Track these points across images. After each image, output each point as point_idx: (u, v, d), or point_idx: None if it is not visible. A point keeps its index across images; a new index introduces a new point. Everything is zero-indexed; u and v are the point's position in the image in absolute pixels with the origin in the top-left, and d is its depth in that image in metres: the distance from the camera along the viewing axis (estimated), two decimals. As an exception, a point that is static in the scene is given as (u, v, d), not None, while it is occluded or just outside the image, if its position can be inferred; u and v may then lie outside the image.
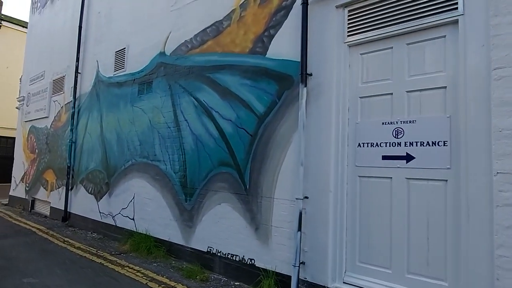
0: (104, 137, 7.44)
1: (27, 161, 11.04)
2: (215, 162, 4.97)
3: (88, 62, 8.48)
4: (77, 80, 8.65)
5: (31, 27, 12.28)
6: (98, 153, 7.57)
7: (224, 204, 4.77)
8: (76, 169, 8.31)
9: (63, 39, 9.83)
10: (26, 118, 11.42)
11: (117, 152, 6.98)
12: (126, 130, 6.81)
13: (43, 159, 9.96)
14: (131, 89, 6.84)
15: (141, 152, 6.36)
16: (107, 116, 7.45)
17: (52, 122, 9.80)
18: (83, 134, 8.21)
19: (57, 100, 9.72)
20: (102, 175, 7.36)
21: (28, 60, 12.18)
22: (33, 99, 11.02)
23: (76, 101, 8.60)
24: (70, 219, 8.30)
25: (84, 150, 8.08)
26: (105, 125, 7.47)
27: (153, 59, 6.40)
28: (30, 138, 11.03)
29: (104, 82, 7.72)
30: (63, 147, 9.03)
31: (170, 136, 5.78)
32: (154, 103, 6.22)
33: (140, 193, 6.29)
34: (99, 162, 7.48)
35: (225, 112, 4.91)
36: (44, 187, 9.71)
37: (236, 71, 4.86)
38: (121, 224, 6.64)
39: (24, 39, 21.44)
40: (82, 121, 8.36)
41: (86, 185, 7.84)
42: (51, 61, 10.34)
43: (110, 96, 7.46)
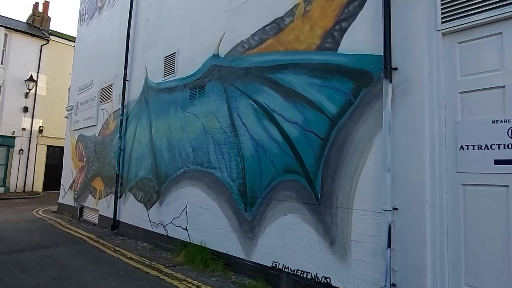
0: (153, 144, 7.30)
1: (76, 169, 11.23)
2: (279, 168, 4.58)
3: (136, 69, 8.45)
4: (125, 87, 8.65)
5: (79, 38, 12.63)
6: (147, 160, 7.44)
7: (291, 214, 4.36)
8: (125, 176, 8.24)
9: (110, 48, 9.94)
10: (74, 126, 11.66)
11: (168, 159, 6.78)
12: (177, 136, 6.61)
13: (92, 167, 10.04)
14: (182, 94, 6.65)
15: (194, 159, 6.11)
16: (156, 122, 7.31)
17: (100, 130, 9.89)
18: (132, 141, 8.14)
19: (105, 108, 9.80)
20: (152, 183, 7.20)
21: (76, 71, 12.51)
22: (81, 108, 11.24)
23: (124, 108, 8.58)
24: (119, 228, 8.21)
25: (133, 157, 8.00)
26: (154, 131, 7.34)
27: (205, 62, 6.17)
28: (78, 147, 11.23)
29: (153, 88, 7.61)
30: (111, 155, 9.03)
31: (227, 141, 5.48)
32: (207, 108, 5.97)
33: (193, 202, 6.02)
34: (149, 169, 7.34)
35: (290, 114, 4.53)
36: (93, 195, 9.76)
37: (302, 70, 4.48)
38: (173, 234, 6.39)
39: (71, 52, 22.43)
40: (130, 128, 8.30)
41: (136, 193, 7.72)
42: (98, 70, 10.50)
43: (159, 102, 7.32)
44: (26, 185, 20.00)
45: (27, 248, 6.83)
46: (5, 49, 19.60)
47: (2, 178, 19.32)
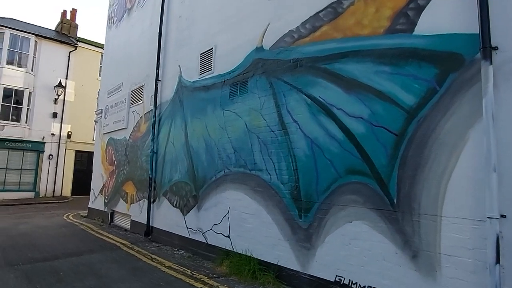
0: (189, 145, 6.90)
1: (106, 173, 11.03)
2: (341, 170, 4.04)
3: (169, 68, 8.12)
4: (158, 88, 8.33)
5: (108, 42, 12.52)
6: (183, 163, 7.04)
7: (358, 222, 3.81)
8: (158, 180, 7.89)
9: (141, 49, 9.70)
10: (104, 130, 11.49)
11: (206, 161, 6.36)
12: (216, 137, 6.18)
13: (122, 171, 9.78)
14: (220, 91, 6.22)
15: (236, 161, 5.65)
16: (192, 123, 6.92)
17: (131, 133, 9.62)
18: (165, 143, 7.78)
19: (135, 111, 9.53)
20: (188, 187, 6.79)
21: (105, 74, 12.39)
22: (111, 111, 11.05)
23: (157, 109, 8.26)
24: (153, 234, 7.84)
25: (167, 160, 7.63)
26: (190, 132, 6.94)
27: (247, 56, 5.73)
28: (108, 150, 11.03)
29: (188, 87, 7.24)
30: (143, 158, 8.72)
31: (275, 141, 4.99)
32: (251, 105, 5.51)
33: (236, 207, 5.55)
34: (185, 173, 6.94)
35: (353, 108, 4.00)
36: (124, 200, 9.48)
37: (366, 58, 3.94)
38: (213, 241, 5.94)
39: (97, 58, 22.69)
40: (163, 130, 7.96)
41: (170, 198, 7.34)
42: (129, 72, 10.27)
43: (195, 101, 6.93)
44: (55, 189, 20.19)
45: (61, 255, 6.54)
46: (35, 56, 19.93)
47: (33, 183, 19.56)
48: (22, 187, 19.20)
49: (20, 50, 19.33)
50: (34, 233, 8.87)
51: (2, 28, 18.81)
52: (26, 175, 19.43)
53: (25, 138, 19.10)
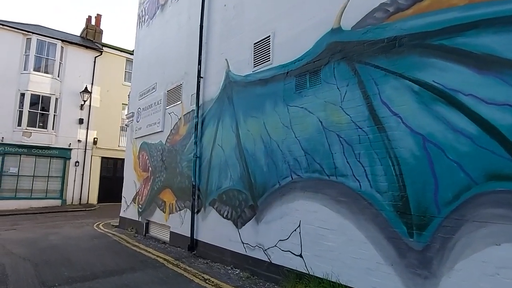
0: (243, 148, 6.04)
1: (139, 180, 10.30)
2: (476, 174, 3.07)
3: (213, 63, 7.32)
4: (200, 85, 7.54)
5: (139, 41, 11.90)
6: (235, 168, 6.18)
7: (510, 245, 2.82)
8: (203, 188, 7.05)
9: (178, 46, 8.97)
10: (136, 134, 10.80)
11: (266, 166, 5.47)
12: (279, 137, 5.30)
13: (159, 178, 9.02)
14: (283, 84, 5.35)
15: (309, 165, 4.73)
16: (246, 122, 6.06)
17: (168, 136, 8.86)
18: (211, 146, 6.95)
19: (173, 112, 8.78)
20: (243, 196, 5.91)
21: (136, 75, 11.76)
22: (144, 114, 10.35)
23: (200, 109, 7.45)
24: (198, 248, 6.99)
25: (214, 165, 6.79)
26: (243, 133, 6.08)
27: (319, 41, 4.84)
28: (141, 156, 10.32)
29: (239, 82, 6.40)
30: (183, 164, 7.92)
31: (364, 140, 4.05)
32: (326, 98, 4.60)
33: (310, 221, 4.62)
34: (238, 179, 6.07)
35: (492, 93, 3.03)
36: (161, 209, 8.70)
37: (508, 26, 2.98)
38: (279, 260, 5.02)
39: (122, 63, 22.31)
40: (208, 132, 7.14)
41: (220, 208, 6.48)
42: (164, 71, 9.56)
43: (249, 97, 6.08)
44: (81, 197, 19.77)
45: (100, 273, 5.78)
46: (61, 62, 19.69)
47: (59, 190, 19.19)
48: (49, 194, 18.85)
49: (46, 56, 19.12)
50: (66, 246, 8.19)
51: (29, 34, 18.65)
52: (53, 183, 19.08)
53: (51, 145, 18.79)
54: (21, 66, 18.39)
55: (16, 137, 17.75)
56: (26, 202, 17.81)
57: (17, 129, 17.87)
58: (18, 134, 17.78)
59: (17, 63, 18.31)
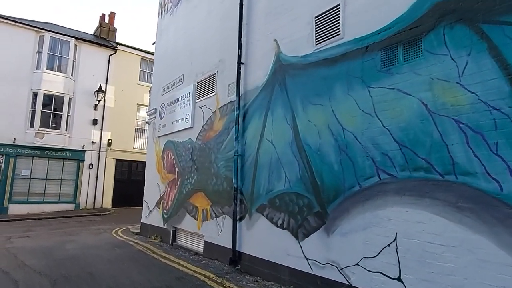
0: (303, 143, 4.99)
1: (164, 182, 9.31)
2: None
3: (257, 46, 6.31)
4: (240, 73, 6.52)
5: (161, 32, 10.96)
6: (291, 167, 5.13)
7: None
8: (248, 191, 6.01)
9: (209, 31, 7.99)
10: (159, 132, 9.82)
11: (338, 163, 4.41)
12: (356, 127, 4.24)
13: (188, 180, 8.00)
14: (360, 62, 4.29)
15: (408, 161, 3.66)
16: (306, 111, 5.02)
17: (199, 133, 7.86)
18: (257, 142, 5.92)
19: (204, 105, 7.77)
20: (304, 201, 4.85)
21: (158, 69, 10.81)
22: (169, 109, 9.38)
23: (241, 100, 6.43)
24: (242, 262, 5.94)
25: (262, 164, 5.75)
26: (303, 125, 5.04)
27: (416, 2, 3.78)
28: (166, 156, 9.33)
29: (294, 65, 5.36)
30: (220, 163, 6.90)
31: (503, 125, 2.97)
32: (432, 73, 3.53)
33: (412, 234, 3.54)
34: (297, 180, 5.01)
35: None
36: (192, 215, 7.67)
37: None
38: (364, 283, 3.93)
39: (137, 62, 21.45)
40: (253, 126, 6.11)
41: (271, 215, 5.42)
42: (192, 61, 8.58)
43: (309, 82, 5.04)
44: (95, 201, 18.90)
45: (132, 295, 4.76)
46: (75, 61, 18.92)
47: (73, 194, 18.34)
48: (62, 198, 18.01)
49: (60, 54, 18.36)
50: (86, 257, 7.22)
51: (42, 32, 17.91)
52: (66, 186, 18.24)
53: (65, 147, 17.97)
54: (33, 65, 17.65)
55: (29, 138, 16.96)
56: (38, 206, 16.99)
57: (30, 130, 17.08)
58: (31, 135, 16.99)
59: (30, 61, 17.57)
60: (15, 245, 8.54)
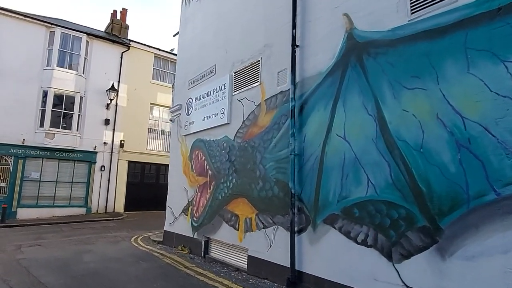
0: (394, 137, 3.94)
1: (193, 186, 8.28)
2: None
3: (317, 25, 5.29)
4: (295, 57, 5.50)
5: (185, 21, 9.98)
6: (378, 169, 4.08)
7: None
8: (310, 198, 4.97)
9: (248, 14, 7.00)
10: (186, 130, 8.82)
11: (456, 164, 3.36)
12: (484, 115, 3.19)
13: (225, 184, 6.97)
14: (487, 30, 3.25)
15: None
16: (398, 98, 3.97)
17: (238, 130, 6.83)
18: (322, 139, 4.88)
19: (245, 98, 6.76)
20: (401, 212, 3.80)
21: (182, 62, 9.83)
22: (198, 105, 8.37)
23: (296, 89, 5.41)
24: (304, 284, 4.88)
25: (331, 165, 4.71)
26: (394, 115, 3.99)
27: None
28: (195, 156, 8.31)
29: (376, 41, 4.33)
30: (268, 164, 5.86)
31: None
32: None
33: None
34: (387, 186, 3.96)
35: None
36: (231, 225, 6.63)
37: None
38: (511, 328, 2.87)
39: (150, 59, 20.56)
40: (315, 119, 5.07)
41: (347, 228, 4.37)
42: (227, 49, 7.58)
43: (401, 60, 4.00)
44: (107, 205, 17.94)
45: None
46: (87, 58, 18.03)
47: (84, 197, 17.39)
48: (73, 202, 17.06)
49: (71, 51, 17.47)
50: (108, 272, 6.24)
51: (52, 27, 17.05)
52: (77, 189, 17.29)
53: (76, 148, 17.03)
54: (43, 62, 16.76)
55: (38, 138, 16.04)
56: (48, 210, 16.06)
57: (39, 130, 16.17)
58: (41, 136, 16.07)
59: (40, 58, 16.69)
60: (27, 255, 7.56)
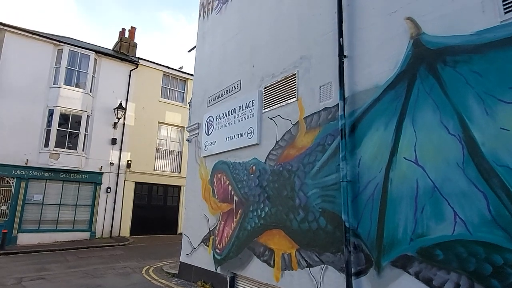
0: (491, 163, 3.18)
1: (215, 214, 7.47)
2: None
3: (371, 31, 4.63)
4: (343, 69, 4.82)
5: (203, 35, 9.42)
6: (469, 201, 3.30)
7: None
8: (370, 234, 4.17)
9: (280, 24, 6.39)
10: (206, 151, 8.08)
11: None
12: None
13: (256, 213, 6.17)
14: None
15: None
16: (492, 115, 3.24)
17: (270, 151, 6.09)
18: (384, 163, 4.12)
19: (278, 115, 6.05)
20: (507, 257, 3.00)
21: (200, 78, 9.20)
22: (220, 123, 7.67)
23: (346, 105, 4.70)
24: None
25: (397, 194, 3.93)
26: (487, 135, 3.25)
27: None
28: (218, 180, 7.54)
29: (456, 48, 3.63)
30: (311, 192, 5.08)
31: None
32: None
33: None
34: (484, 222, 3.17)
35: None
36: (265, 260, 5.79)
37: None
38: None
39: (159, 77, 19.96)
40: (372, 139, 4.33)
41: (427, 274, 3.54)
42: (254, 62, 6.94)
43: (492, 69, 3.30)
44: (113, 229, 17.02)
45: None
46: (94, 76, 17.53)
47: (88, 221, 16.50)
48: (77, 226, 16.17)
49: (78, 69, 16.98)
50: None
51: (60, 45, 16.62)
52: (81, 212, 16.42)
53: (81, 168, 16.28)
54: (50, 80, 16.24)
55: (42, 159, 15.33)
56: (50, 235, 15.18)
57: (44, 150, 15.48)
58: (45, 156, 15.37)
59: (47, 76, 16.18)
60: (29, 293, 6.71)
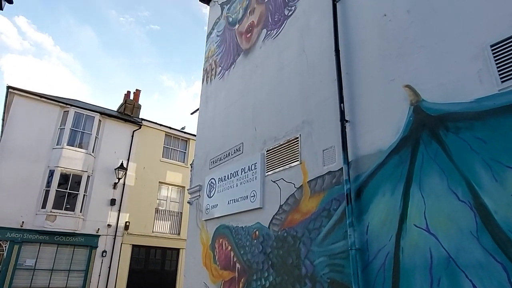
0: (507, 233, 3.05)
1: (216, 282, 7.05)
2: None
3: (371, 98, 4.78)
4: (346, 133, 4.88)
5: (206, 98, 9.75)
6: (487, 273, 3.11)
7: None
8: (384, 308, 3.87)
9: (282, 90, 6.64)
10: (208, 215, 7.88)
11: None
12: None
13: (260, 281, 5.83)
14: None
15: None
16: (501, 181, 3.18)
17: (274, 216, 5.93)
18: (394, 230, 3.98)
19: (281, 179, 6.00)
20: None
21: (203, 139, 9.32)
22: (222, 186, 7.59)
23: (350, 169, 4.67)
24: None
25: (408, 265, 3.72)
26: (499, 203, 3.16)
27: None
28: (219, 245, 7.24)
29: (457, 114, 3.70)
30: (317, 260, 4.84)
31: None
32: None
33: None
34: (508, 298, 2.95)
35: None
36: (270, 337, 5.33)
37: None
38: None
39: (161, 137, 20.30)
40: (380, 205, 4.23)
41: None
42: (257, 126, 7.07)
43: (496, 136, 3.32)
44: (106, 296, 16.06)
45: None
46: (97, 136, 17.85)
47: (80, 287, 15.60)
48: (68, 293, 15.28)
49: (82, 130, 17.34)
50: None
51: (67, 107, 17.17)
52: (74, 278, 15.66)
53: (77, 231, 15.86)
54: (54, 141, 16.52)
55: (38, 221, 14.99)
56: (39, 304, 14.28)
57: (41, 211, 15.21)
58: (41, 218, 15.04)
59: (51, 137, 16.48)
60: None
